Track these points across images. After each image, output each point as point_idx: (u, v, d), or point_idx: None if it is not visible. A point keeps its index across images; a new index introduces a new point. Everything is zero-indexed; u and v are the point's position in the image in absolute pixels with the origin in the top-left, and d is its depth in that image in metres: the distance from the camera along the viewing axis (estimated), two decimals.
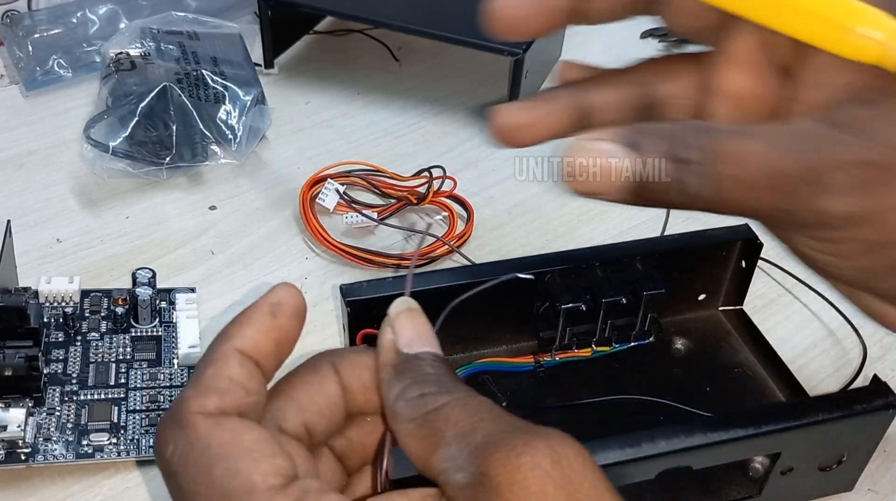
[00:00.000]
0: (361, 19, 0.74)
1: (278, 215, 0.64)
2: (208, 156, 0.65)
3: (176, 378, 0.51)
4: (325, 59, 0.80)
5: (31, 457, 0.46)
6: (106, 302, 0.54)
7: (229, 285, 0.58)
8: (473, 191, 0.66)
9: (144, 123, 0.63)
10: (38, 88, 0.73)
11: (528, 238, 0.63)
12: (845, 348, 0.57)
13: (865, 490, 0.49)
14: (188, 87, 0.65)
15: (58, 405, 0.48)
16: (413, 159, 0.69)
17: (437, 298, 0.49)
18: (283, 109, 0.73)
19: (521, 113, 0.31)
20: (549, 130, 0.31)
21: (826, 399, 0.45)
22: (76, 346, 0.52)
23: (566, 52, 0.81)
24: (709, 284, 0.56)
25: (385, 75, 0.79)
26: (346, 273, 0.59)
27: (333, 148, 0.70)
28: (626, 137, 0.25)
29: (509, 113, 0.31)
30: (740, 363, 0.54)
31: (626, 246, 0.53)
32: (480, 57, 0.72)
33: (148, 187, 0.65)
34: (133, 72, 0.66)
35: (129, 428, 0.48)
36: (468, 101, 0.76)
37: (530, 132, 0.31)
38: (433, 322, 0.31)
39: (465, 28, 0.70)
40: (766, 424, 0.42)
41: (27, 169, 0.66)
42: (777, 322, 0.58)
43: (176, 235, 0.61)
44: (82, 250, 0.60)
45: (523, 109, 0.31)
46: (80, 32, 0.74)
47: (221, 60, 0.69)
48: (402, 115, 0.74)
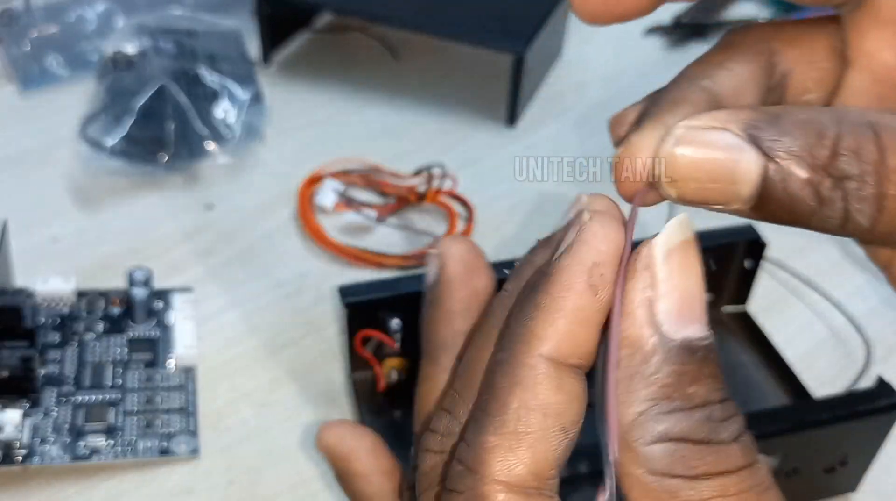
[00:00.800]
0: (360, 16, 0.74)
1: (276, 213, 0.63)
2: (206, 154, 0.65)
3: (173, 380, 0.50)
4: (324, 58, 0.80)
5: (27, 459, 0.46)
6: (102, 303, 0.54)
7: (227, 285, 0.58)
8: (473, 190, 0.66)
9: (141, 122, 0.63)
10: (35, 86, 0.73)
11: (529, 238, 0.63)
12: (849, 349, 0.56)
13: (869, 492, 0.48)
14: (185, 85, 0.65)
15: (54, 407, 0.48)
16: (412, 158, 0.68)
17: None
18: (281, 107, 0.72)
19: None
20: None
21: (830, 401, 0.45)
22: (72, 347, 0.51)
23: (566, 52, 0.81)
24: (712, 284, 0.55)
25: (384, 73, 0.78)
26: (345, 273, 0.59)
27: (332, 146, 0.70)
28: (757, 127, 0.18)
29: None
30: (744, 364, 0.53)
31: None
32: (481, 55, 0.72)
33: (145, 186, 0.64)
34: (130, 70, 0.65)
35: (126, 430, 0.48)
36: (468, 99, 0.76)
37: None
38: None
39: (466, 26, 0.69)
40: (770, 425, 0.42)
41: (23, 168, 0.66)
42: (781, 323, 0.57)
43: (173, 234, 0.61)
44: (78, 250, 0.59)
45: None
46: (77, 31, 0.74)
47: (219, 58, 0.68)
48: (401, 113, 0.74)
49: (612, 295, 0.19)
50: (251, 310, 0.56)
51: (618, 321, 0.19)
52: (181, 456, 0.47)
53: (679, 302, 0.19)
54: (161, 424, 0.48)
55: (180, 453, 0.47)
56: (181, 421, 0.49)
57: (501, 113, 0.73)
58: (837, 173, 0.18)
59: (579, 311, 0.19)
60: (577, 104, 0.76)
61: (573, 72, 0.79)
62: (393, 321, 0.47)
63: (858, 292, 0.59)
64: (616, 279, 0.19)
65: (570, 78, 0.79)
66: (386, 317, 0.47)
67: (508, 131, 0.72)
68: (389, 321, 0.47)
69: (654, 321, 0.19)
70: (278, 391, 0.51)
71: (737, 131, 0.18)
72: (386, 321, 0.47)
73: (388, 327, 0.47)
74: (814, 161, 0.18)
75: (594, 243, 0.19)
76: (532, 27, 0.70)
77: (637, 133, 0.21)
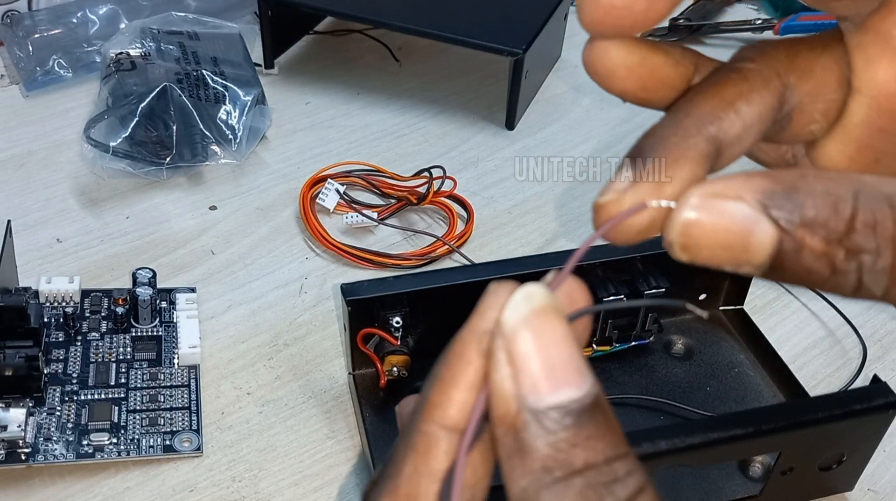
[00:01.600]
0: (361, 19, 0.74)
1: (278, 215, 0.64)
2: (208, 156, 0.65)
3: (176, 378, 0.51)
4: (326, 60, 0.80)
5: (32, 457, 0.46)
6: (106, 302, 0.54)
7: (229, 284, 0.58)
8: (473, 191, 0.66)
9: (145, 124, 0.63)
10: (39, 88, 0.73)
11: (528, 238, 0.63)
12: (845, 348, 0.57)
13: (865, 490, 0.49)
14: (188, 87, 0.65)
15: (58, 405, 0.48)
16: (413, 159, 0.69)
17: (437, 297, 0.49)
18: (283, 110, 0.73)
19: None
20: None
21: (826, 399, 0.45)
22: (76, 346, 0.52)
23: (566, 52, 0.81)
24: (709, 283, 0.56)
25: (385, 75, 0.79)
26: (346, 273, 0.59)
27: (333, 148, 0.70)
28: (772, 198, 0.18)
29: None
30: (740, 363, 0.54)
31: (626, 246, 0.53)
32: (480, 57, 0.72)
33: (148, 187, 0.65)
34: (133, 72, 0.66)
35: (130, 428, 0.48)
36: (468, 101, 0.76)
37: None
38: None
39: (465, 28, 0.70)
40: (766, 424, 0.42)
41: (27, 169, 0.66)
42: (777, 322, 0.58)
43: (176, 235, 0.61)
44: (82, 250, 0.60)
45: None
46: (81, 32, 0.74)
47: (222, 60, 0.69)
48: (402, 115, 0.74)
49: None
50: (254, 309, 0.56)
51: (483, 397, 0.19)
52: (185, 454, 0.48)
53: (541, 371, 0.18)
54: (164, 422, 0.49)
55: (184, 450, 0.48)
56: (184, 419, 0.49)
57: (501, 115, 0.73)
58: (853, 247, 0.18)
59: (471, 378, 0.19)
60: (576, 106, 0.76)
61: (572, 74, 0.80)
62: (394, 319, 0.48)
63: None
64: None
65: (569, 80, 0.79)
66: (387, 315, 0.48)
67: (508, 133, 0.73)
68: (391, 318, 0.48)
69: (518, 394, 0.18)
70: (281, 388, 0.52)
71: (752, 202, 0.18)
72: (387, 318, 0.48)
73: (390, 324, 0.48)
74: (829, 235, 0.18)
75: (488, 312, 0.20)
76: (531, 30, 0.70)
77: (633, 190, 0.20)
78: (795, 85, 0.22)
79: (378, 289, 0.48)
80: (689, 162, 0.20)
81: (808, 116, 0.22)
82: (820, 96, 0.22)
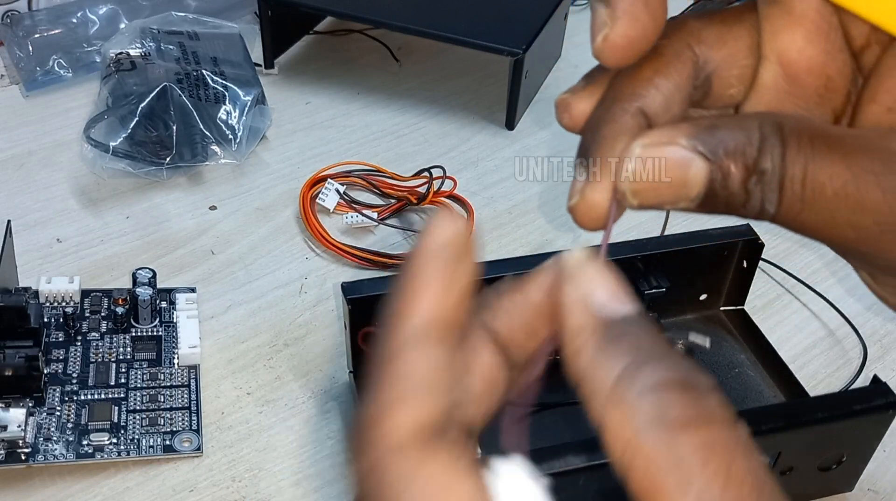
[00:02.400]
0: (361, 19, 0.74)
1: (278, 215, 0.64)
2: (208, 156, 0.65)
3: (176, 378, 0.51)
4: (326, 60, 0.80)
5: (32, 457, 0.46)
6: (106, 302, 0.54)
7: (229, 285, 0.58)
8: (473, 191, 0.66)
9: (145, 124, 0.63)
10: (39, 88, 0.73)
11: (528, 238, 0.63)
12: (845, 348, 0.57)
13: (865, 490, 0.49)
14: (188, 87, 0.65)
15: (58, 405, 0.48)
16: (413, 159, 0.69)
17: None
18: (283, 110, 0.73)
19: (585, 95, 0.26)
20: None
21: (826, 399, 0.45)
22: (76, 346, 0.52)
23: (566, 52, 0.81)
24: (710, 284, 0.56)
25: (385, 75, 0.79)
26: (346, 273, 0.59)
27: (333, 148, 0.70)
28: (702, 139, 0.21)
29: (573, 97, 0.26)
30: (741, 363, 0.54)
31: (626, 246, 0.53)
32: (480, 57, 0.72)
33: (148, 187, 0.65)
34: (133, 72, 0.66)
35: (130, 428, 0.48)
36: (468, 101, 0.76)
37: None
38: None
39: (465, 28, 0.70)
40: (766, 424, 0.42)
41: (27, 169, 0.66)
42: (778, 322, 0.58)
43: (176, 235, 0.61)
44: (82, 250, 0.60)
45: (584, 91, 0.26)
46: (81, 32, 0.74)
47: (222, 60, 0.69)
48: (402, 115, 0.74)
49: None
50: (254, 309, 0.56)
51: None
52: (185, 454, 0.48)
53: (611, 289, 0.22)
54: (164, 422, 0.49)
55: (184, 450, 0.48)
56: (184, 419, 0.49)
57: (501, 115, 0.73)
58: (760, 169, 0.21)
59: (437, 284, 0.22)
60: None
61: (572, 73, 0.79)
62: None
63: (854, 292, 0.60)
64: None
65: (569, 80, 0.79)
66: None
67: (508, 133, 0.73)
68: None
69: (598, 303, 0.22)
70: (281, 388, 0.52)
71: (685, 143, 0.21)
72: None
73: None
74: (746, 161, 0.21)
75: (436, 232, 0.22)
76: (531, 30, 0.70)
77: (590, 187, 0.24)
78: (707, 54, 0.25)
79: (378, 288, 0.48)
80: (626, 137, 0.23)
81: (726, 81, 0.25)
82: (734, 62, 0.25)
